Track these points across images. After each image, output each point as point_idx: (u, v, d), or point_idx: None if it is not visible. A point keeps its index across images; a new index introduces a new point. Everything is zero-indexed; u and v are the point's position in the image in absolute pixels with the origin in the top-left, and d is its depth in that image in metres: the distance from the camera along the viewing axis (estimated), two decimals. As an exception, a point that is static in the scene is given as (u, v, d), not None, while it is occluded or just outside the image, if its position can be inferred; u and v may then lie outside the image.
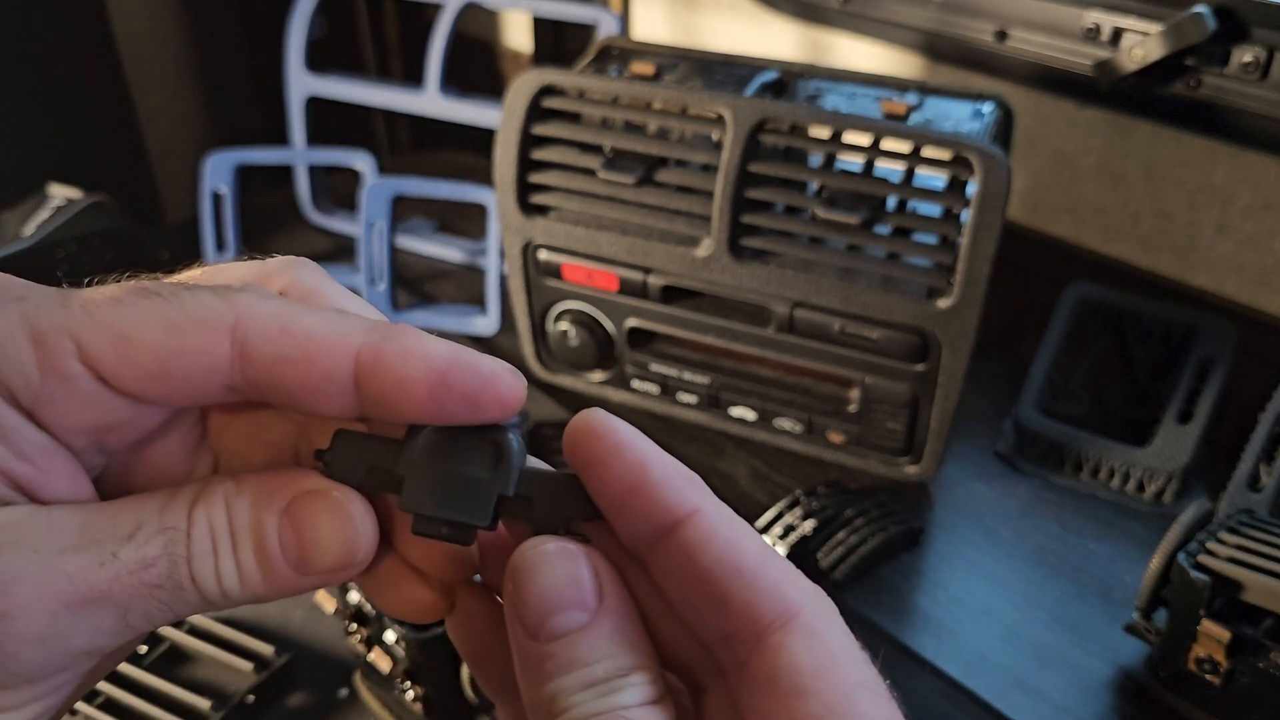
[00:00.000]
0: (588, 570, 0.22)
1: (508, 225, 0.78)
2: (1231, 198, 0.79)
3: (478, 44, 1.28)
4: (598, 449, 0.22)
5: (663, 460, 0.22)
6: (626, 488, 0.22)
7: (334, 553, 0.22)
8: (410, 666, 0.55)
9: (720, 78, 0.75)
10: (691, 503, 0.22)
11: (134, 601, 0.20)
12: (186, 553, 0.21)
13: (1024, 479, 0.78)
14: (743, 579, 0.21)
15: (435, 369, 0.21)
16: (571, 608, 0.21)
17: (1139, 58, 0.74)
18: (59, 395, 0.20)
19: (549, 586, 0.21)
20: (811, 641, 0.20)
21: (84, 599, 0.20)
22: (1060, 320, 0.82)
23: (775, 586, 0.21)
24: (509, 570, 0.22)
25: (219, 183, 0.98)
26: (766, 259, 0.71)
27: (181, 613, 0.21)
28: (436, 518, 0.22)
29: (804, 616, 0.21)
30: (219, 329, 0.21)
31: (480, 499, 0.22)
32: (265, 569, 0.22)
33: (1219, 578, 0.54)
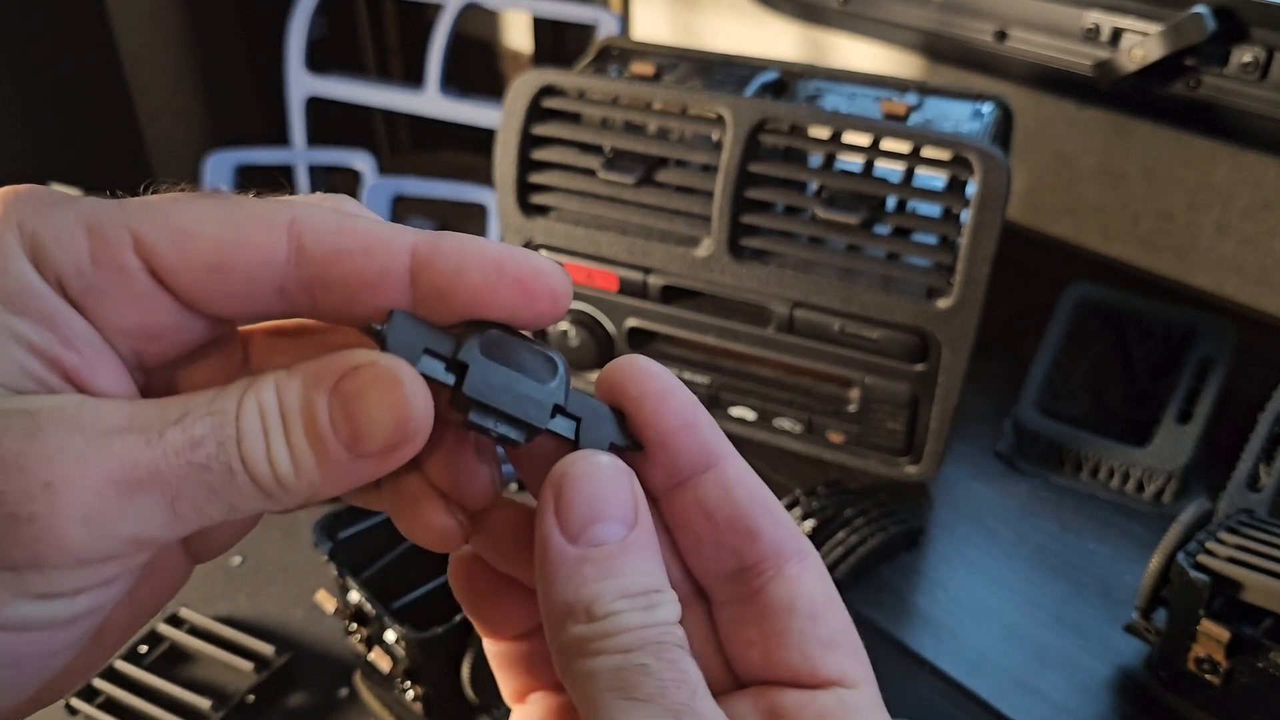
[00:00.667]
0: (630, 487, 0.22)
1: (508, 225, 0.78)
2: (1231, 198, 0.79)
3: (478, 44, 1.28)
4: (655, 385, 0.23)
5: (704, 407, 0.24)
6: (680, 424, 0.23)
7: (386, 426, 0.21)
8: (410, 666, 0.55)
9: (720, 78, 0.75)
10: (727, 447, 0.24)
11: (182, 485, 0.19)
12: (236, 434, 0.20)
13: (1024, 479, 0.78)
14: (772, 516, 0.24)
15: (491, 259, 0.22)
16: (615, 519, 0.22)
17: (1139, 58, 0.74)
18: (110, 288, 0.20)
19: (597, 495, 0.22)
20: (821, 576, 0.24)
21: (130, 478, 0.19)
22: (1060, 320, 0.82)
23: (793, 529, 0.24)
24: (553, 477, 0.22)
25: (219, 183, 0.98)
26: (766, 259, 0.71)
27: (236, 505, 0.20)
28: (497, 409, 0.22)
29: (813, 558, 0.24)
30: (277, 224, 0.21)
31: (537, 403, 0.22)
32: (319, 450, 0.21)
33: (1219, 577, 0.54)
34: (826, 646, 0.23)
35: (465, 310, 0.22)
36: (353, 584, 0.56)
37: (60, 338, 0.20)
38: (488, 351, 0.22)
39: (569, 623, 0.21)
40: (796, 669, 0.23)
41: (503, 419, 0.22)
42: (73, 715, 0.60)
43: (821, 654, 0.23)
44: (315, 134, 1.08)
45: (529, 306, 0.22)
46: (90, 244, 0.20)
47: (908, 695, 0.61)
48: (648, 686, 0.20)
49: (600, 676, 0.20)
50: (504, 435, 0.22)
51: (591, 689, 0.20)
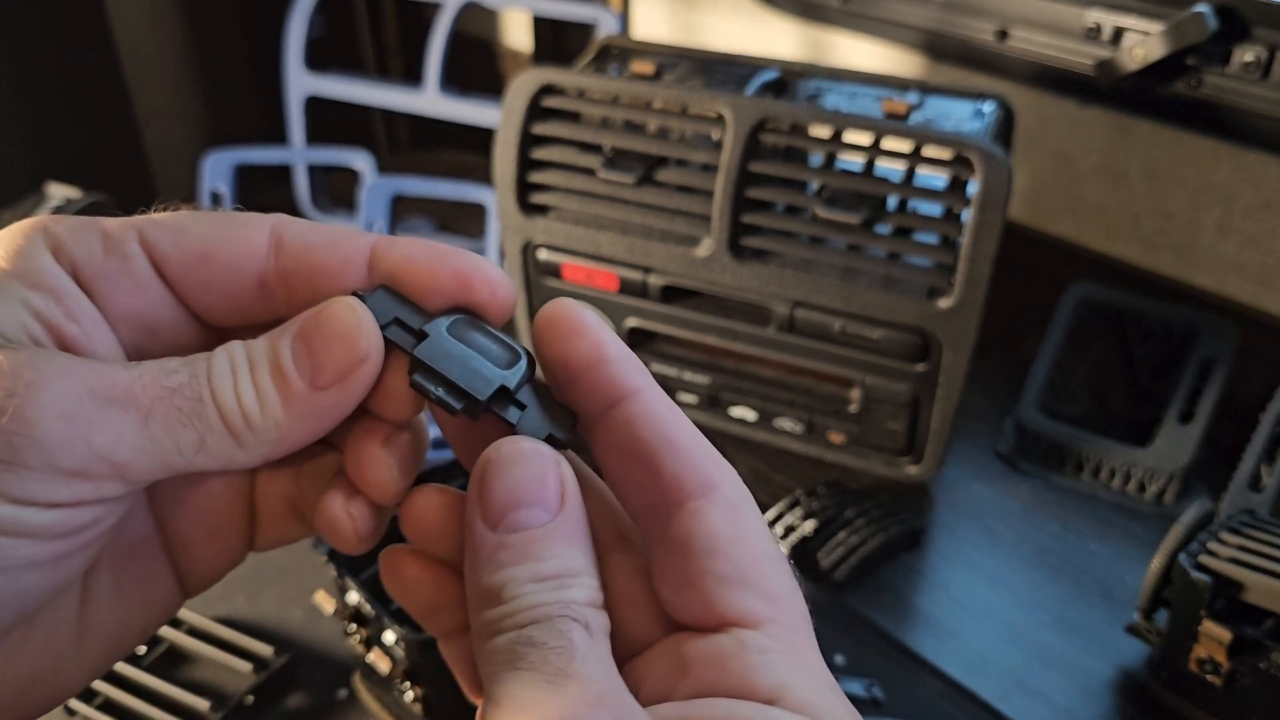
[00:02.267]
0: (555, 473, 0.23)
1: (507, 225, 0.78)
2: (1233, 197, 0.79)
3: (477, 43, 1.28)
4: (563, 328, 0.24)
5: (617, 344, 0.24)
6: (584, 363, 0.24)
7: (340, 352, 0.23)
8: (409, 667, 0.55)
9: (720, 77, 0.75)
10: (637, 382, 0.24)
11: (155, 406, 0.21)
12: (207, 371, 0.22)
13: (1025, 479, 0.78)
14: (673, 450, 0.23)
15: (436, 251, 0.24)
16: (535, 505, 0.22)
17: (1140, 57, 0.74)
18: (116, 274, 0.23)
19: (517, 481, 0.22)
20: (727, 510, 0.22)
21: (107, 391, 0.21)
22: (1061, 320, 0.82)
23: (700, 461, 0.23)
24: (480, 462, 0.23)
25: (218, 182, 0.98)
26: (767, 259, 0.70)
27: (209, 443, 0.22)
28: (439, 373, 0.23)
29: (723, 490, 0.23)
30: (260, 225, 0.25)
31: (484, 379, 0.23)
32: (281, 386, 0.22)
33: (1220, 578, 0.54)
34: (725, 584, 0.22)
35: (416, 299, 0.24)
36: (352, 585, 0.56)
37: (65, 310, 0.22)
38: (452, 330, 0.24)
39: (483, 608, 0.21)
40: (696, 611, 0.22)
41: (446, 385, 0.23)
42: (71, 716, 0.60)
43: (719, 593, 0.22)
44: (314, 133, 1.08)
45: (467, 295, 0.24)
46: (102, 237, 0.23)
47: (909, 696, 0.61)
48: (531, 656, 0.20)
49: (497, 653, 0.21)
50: (442, 400, 0.23)
51: (489, 666, 0.21)
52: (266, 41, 1.12)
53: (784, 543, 0.70)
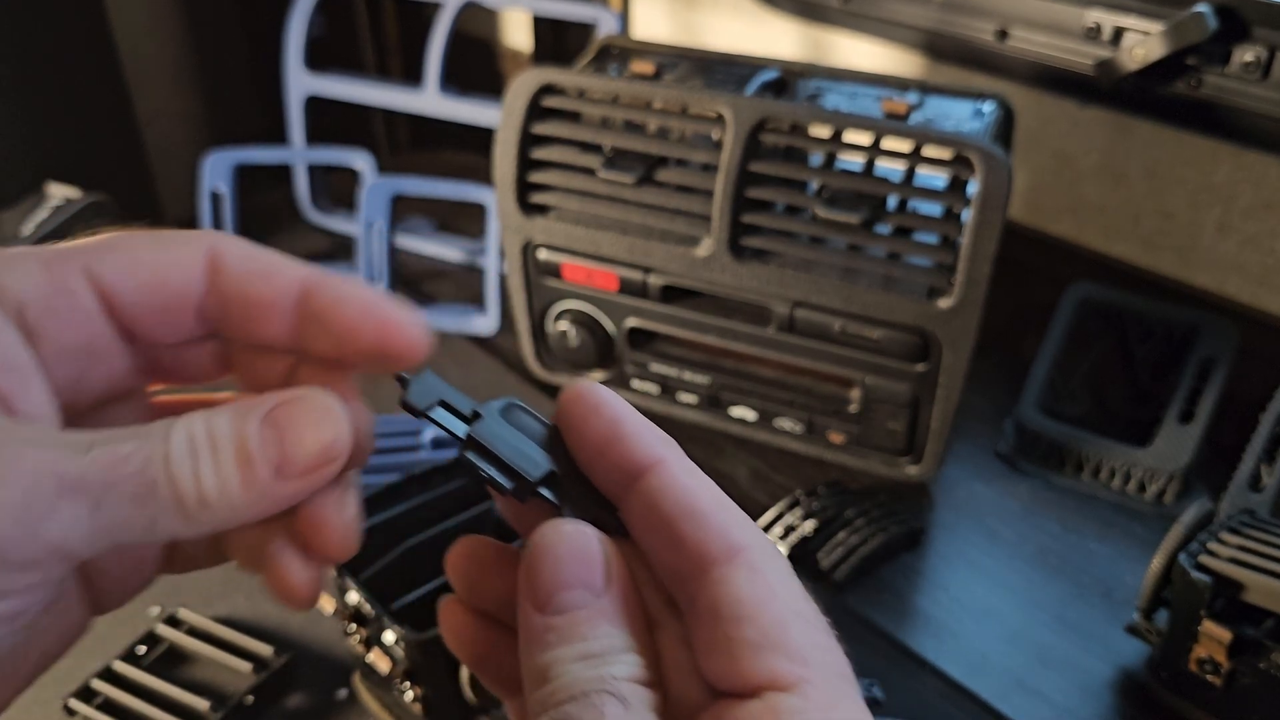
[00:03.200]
0: (599, 553, 0.23)
1: (507, 225, 0.78)
2: (1233, 197, 0.79)
3: (477, 43, 1.28)
4: (580, 407, 0.24)
5: (635, 418, 0.24)
6: (602, 440, 0.24)
7: (312, 447, 0.23)
8: (409, 667, 0.55)
9: (720, 77, 0.74)
10: (657, 454, 0.24)
11: (106, 493, 0.21)
12: (164, 453, 0.21)
13: (1025, 479, 0.78)
14: (695, 520, 0.23)
15: (363, 299, 0.24)
16: (579, 586, 0.23)
17: (1140, 57, 0.74)
18: (62, 310, 0.23)
19: (563, 564, 0.23)
20: (752, 575, 0.22)
21: (56, 481, 0.20)
22: (1061, 320, 0.82)
23: (723, 527, 0.23)
24: (527, 546, 0.23)
25: (218, 182, 0.98)
26: (767, 259, 0.70)
27: (160, 521, 0.21)
28: (495, 453, 0.24)
29: (747, 554, 0.23)
30: (198, 244, 0.25)
31: (534, 461, 0.24)
32: (245, 471, 0.22)
33: (1220, 578, 0.54)
34: (754, 649, 0.22)
35: (337, 341, 0.24)
36: (351, 584, 0.56)
37: (2, 362, 0.22)
38: (505, 414, 0.25)
39: (533, 687, 0.22)
40: (730, 677, 0.22)
41: (498, 465, 0.24)
42: (71, 716, 0.60)
43: (749, 658, 0.21)
44: (314, 133, 1.08)
45: (386, 344, 0.24)
46: (46, 273, 0.23)
47: (909, 696, 0.61)
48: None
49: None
50: (493, 479, 0.24)
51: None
52: (266, 41, 1.12)
53: (784, 543, 0.70)
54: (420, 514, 0.60)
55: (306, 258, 0.68)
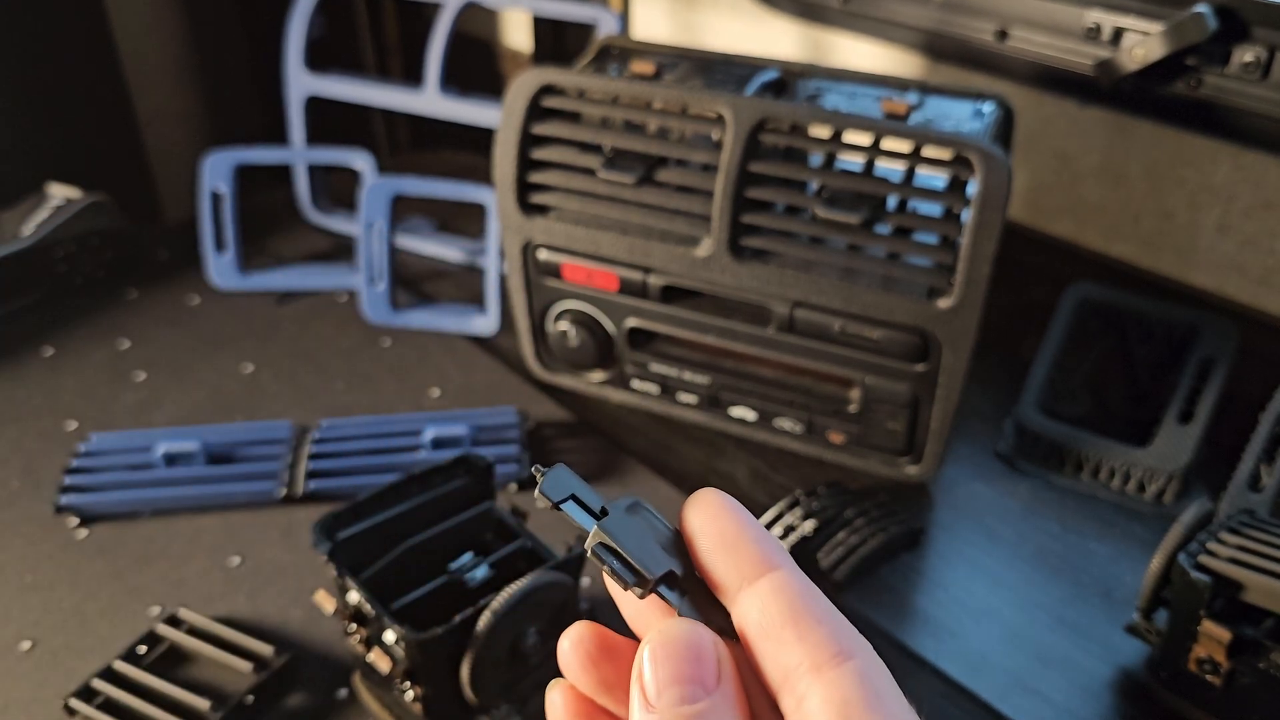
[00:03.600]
0: (712, 653, 0.24)
1: (507, 225, 0.78)
2: (1233, 198, 0.79)
3: (477, 43, 1.28)
4: (707, 511, 0.26)
5: (756, 526, 0.26)
6: (725, 542, 0.25)
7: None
8: (410, 667, 0.55)
9: (720, 77, 0.75)
10: (775, 560, 0.25)
11: None
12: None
13: (1025, 479, 0.78)
14: (805, 624, 0.24)
15: None
16: (691, 683, 0.23)
17: (1140, 57, 0.74)
18: None
19: (676, 662, 0.23)
20: (860, 680, 0.23)
21: None
22: (1061, 320, 0.82)
23: (833, 634, 0.24)
24: (643, 644, 0.24)
25: (218, 182, 0.98)
26: (766, 259, 0.71)
27: None
28: (618, 550, 0.25)
29: (856, 661, 0.24)
30: None
31: (656, 560, 0.25)
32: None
33: (1220, 578, 0.54)
34: None
35: None
36: (352, 584, 0.56)
37: None
38: (629, 512, 0.26)
39: None
40: None
41: (620, 561, 0.25)
42: (71, 716, 0.60)
43: None
44: (314, 133, 1.08)
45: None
46: None
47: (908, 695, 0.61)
48: None
49: None
50: (617, 573, 0.25)
51: None
52: (267, 41, 1.12)
53: (784, 542, 0.70)
54: (420, 514, 0.60)
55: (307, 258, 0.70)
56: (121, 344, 0.93)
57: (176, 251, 1.05)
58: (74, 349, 0.92)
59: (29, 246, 0.94)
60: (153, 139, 1.19)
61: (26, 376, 0.89)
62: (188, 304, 0.99)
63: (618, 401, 0.84)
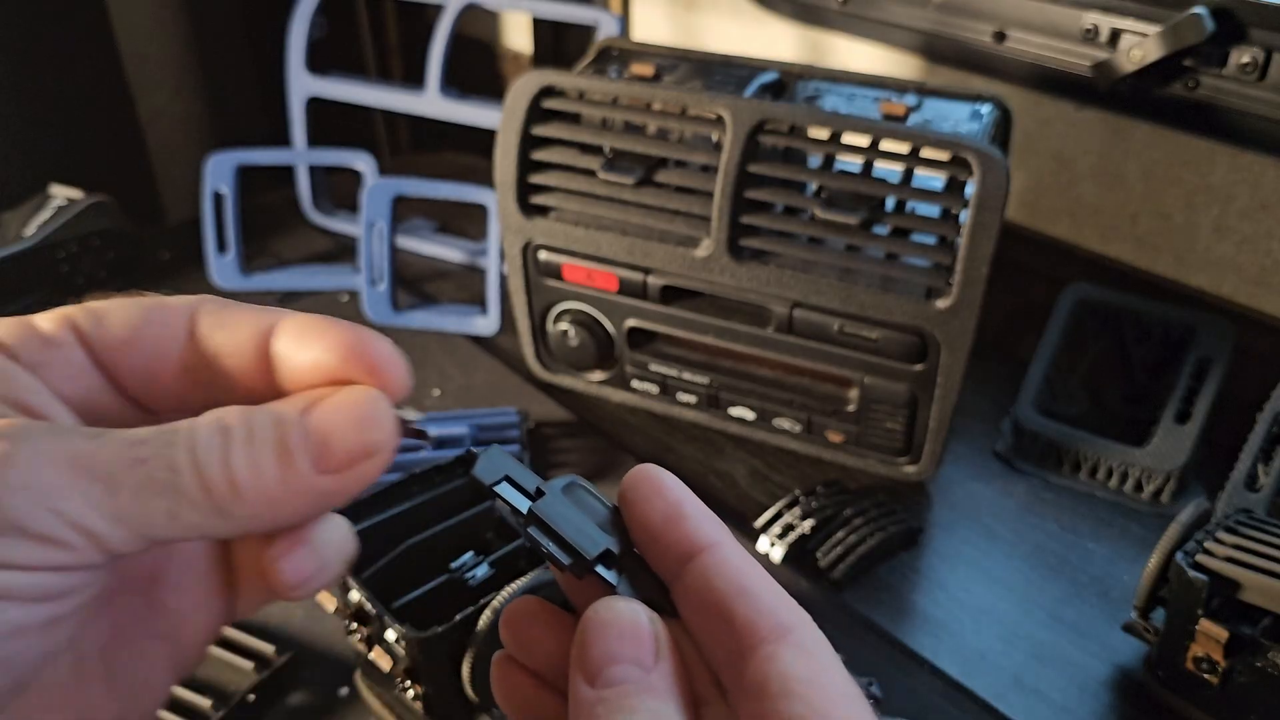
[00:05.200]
0: (650, 631, 0.24)
1: (508, 225, 0.78)
2: (1230, 198, 0.79)
3: (478, 45, 1.28)
4: (645, 488, 0.26)
5: (695, 502, 0.26)
6: (664, 519, 0.25)
7: (352, 439, 0.23)
8: (411, 665, 0.55)
9: (720, 79, 0.75)
10: (713, 536, 0.25)
11: (123, 475, 0.21)
12: (188, 441, 0.21)
13: (1022, 478, 0.79)
14: (746, 598, 0.24)
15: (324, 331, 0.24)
16: (629, 661, 0.23)
17: (1137, 59, 0.74)
18: (54, 362, 0.23)
19: (614, 639, 0.23)
20: (800, 653, 0.23)
21: (71, 461, 0.20)
22: (1059, 320, 0.82)
23: (773, 607, 0.24)
24: (581, 622, 0.24)
25: (220, 183, 0.99)
26: (766, 259, 0.71)
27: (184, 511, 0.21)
28: (555, 531, 0.25)
29: (797, 633, 0.23)
30: (181, 309, 0.25)
31: (592, 540, 0.25)
32: (282, 459, 0.22)
33: (1217, 577, 0.55)
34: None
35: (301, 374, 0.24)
36: (353, 583, 0.56)
37: (20, 385, 0.22)
38: (566, 492, 0.26)
39: None
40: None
41: (557, 542, 0.25)
42: (74, 714, 0.60)
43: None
44: (315, 134, 1.08)
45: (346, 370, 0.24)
46: (34, 330, 0.23)
47: (907, 694, 0.61)
48: None
49: None
50: (553, 556, 0.25)
51: None
52: (268, 43, 1.12)
53: (782, 542, 0.70)
54: (421, 513, 0.60)
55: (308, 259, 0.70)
56: (123, 344, 0.93)
57: (178, 252, 1.06)
58: (76, 349, 0.92)
59: (31, 247, 0.95)
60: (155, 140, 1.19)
61: (29, 377, 0.89)
62: (189, 304, 0.99)
63: (618, 401, 0.85)
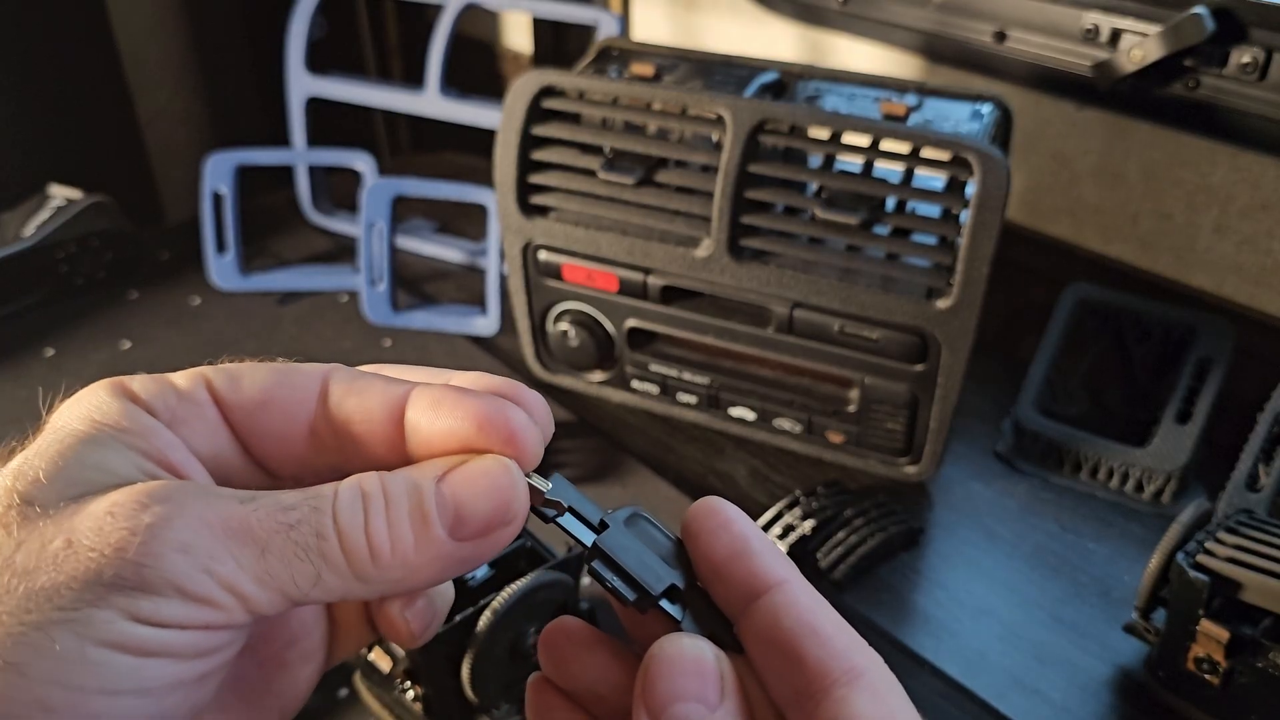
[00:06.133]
0: (715, 668, 0.23)
1: (508, 226, 0.78)
2: (1230, 198, 0.79)
3: (478, 45, 1.28)
4: (710, 522, 0.25)
5: (762, 537, 0.25)
6: (731, 554, 0.25)
7: (492, 507, 0.23)
8: (410, 666, 0.55)
9: (720, 78, 0.75)
10: (782, 573, 0.25)
11: (273, 539, 0.22)
12: (331, 508, 0.22)
13: (1023, 479, 0.79)
14: (817, 639, 0.23)
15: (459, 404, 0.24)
16: (694, 699, 0.23)
17: (1138, 58, 0.74)
18: (191, 418, 0.24)
19: (679, 676, 0.23)
20: (874, 697, 0.23)
21: (223, 525, 0.21)
22: (1059, 320, 0.82)
23: (845, 649, 0.23)
24: (645, 658, 0.24)
25: (219, 183, 0.99)
26: (766, 259, 0.71)
27: (326, 575, 0.22)
28: (620, 565, 0.25)
29: (869, 676, 0.23)
30: (314, 373, 0.25)
31: (656, 575, 0.25)
32: (419, 527, 0.23)
33: (1218, 577, 0.55)
34: None
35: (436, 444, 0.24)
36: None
37: (164, 441, 0.23)
38: (629, 523, 0.25)
39: None
40: None
41: (622, 576, 0.25)
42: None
43: None
44: (315, 134, 1.08)
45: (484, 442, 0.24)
46: (175, 387, 0.24)
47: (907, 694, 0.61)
48: None
49: None
50: (618, 590, 0.25)
51: None
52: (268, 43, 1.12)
53: (783, 543, 0.70)
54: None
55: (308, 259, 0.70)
56: (123, 345, 0.93)
57: (178, 252, 1.05)
58: (75, 350, 0.92)
59: (30, 247, 0.95)
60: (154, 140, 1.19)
61: (27, 377, 0.89)
62: (189, 305, 0.99)
63: (618, 401, 0.85)
